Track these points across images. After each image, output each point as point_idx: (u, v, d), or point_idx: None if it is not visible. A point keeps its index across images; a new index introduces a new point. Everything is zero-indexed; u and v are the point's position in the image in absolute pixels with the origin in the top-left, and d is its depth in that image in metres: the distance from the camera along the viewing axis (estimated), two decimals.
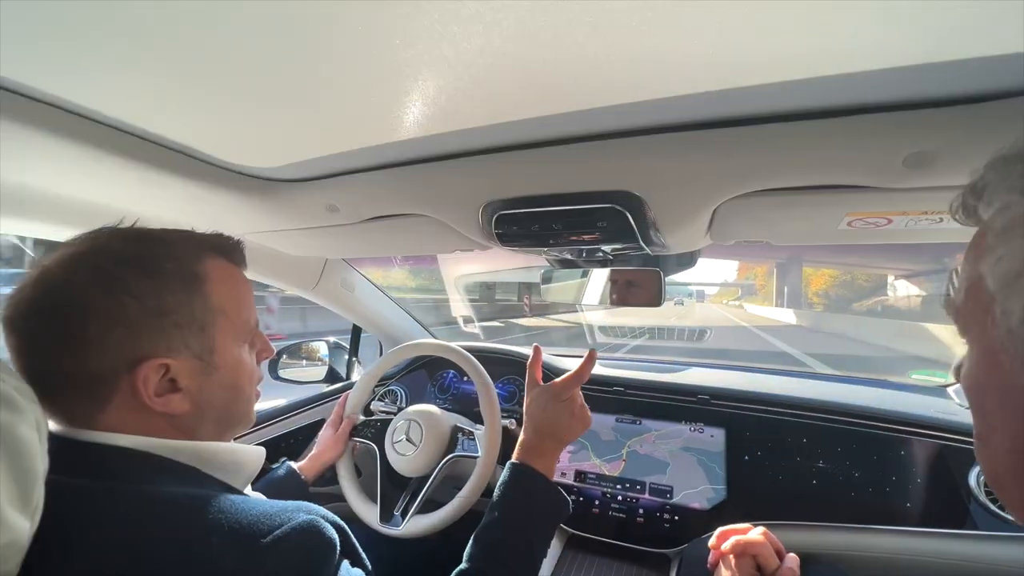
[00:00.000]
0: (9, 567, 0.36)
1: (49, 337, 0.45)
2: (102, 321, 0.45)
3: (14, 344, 0.46)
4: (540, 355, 0.78)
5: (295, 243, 1.03)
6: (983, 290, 0.30)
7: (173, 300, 0.48)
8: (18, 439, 0.36)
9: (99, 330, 0.45)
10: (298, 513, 0.44)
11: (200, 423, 0.52)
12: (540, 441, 0.71)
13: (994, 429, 0.31)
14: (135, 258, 0.48)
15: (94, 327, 0.44)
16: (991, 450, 0.32)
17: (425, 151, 0.65)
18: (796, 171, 0.55)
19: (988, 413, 0.32)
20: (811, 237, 0.72)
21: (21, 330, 0.45)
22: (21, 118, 0.52)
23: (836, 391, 1.11)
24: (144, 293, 0.47)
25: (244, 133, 0.61)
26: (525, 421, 0.74)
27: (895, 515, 0.90)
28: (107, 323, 0.45)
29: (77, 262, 0.47)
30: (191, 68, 0.46)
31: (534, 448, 0.71)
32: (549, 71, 0.44)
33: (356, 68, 0.45)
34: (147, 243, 0.50)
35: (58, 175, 0.66)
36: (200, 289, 0.51)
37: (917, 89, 0.44)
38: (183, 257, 0.51)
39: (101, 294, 0.45)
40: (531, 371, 0.77)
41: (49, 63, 0.46)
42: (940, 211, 0.56)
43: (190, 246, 0.53)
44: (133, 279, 0.47)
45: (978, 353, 0.32)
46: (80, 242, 0.49)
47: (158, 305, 0.47)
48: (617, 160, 0.59)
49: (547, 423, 0.72)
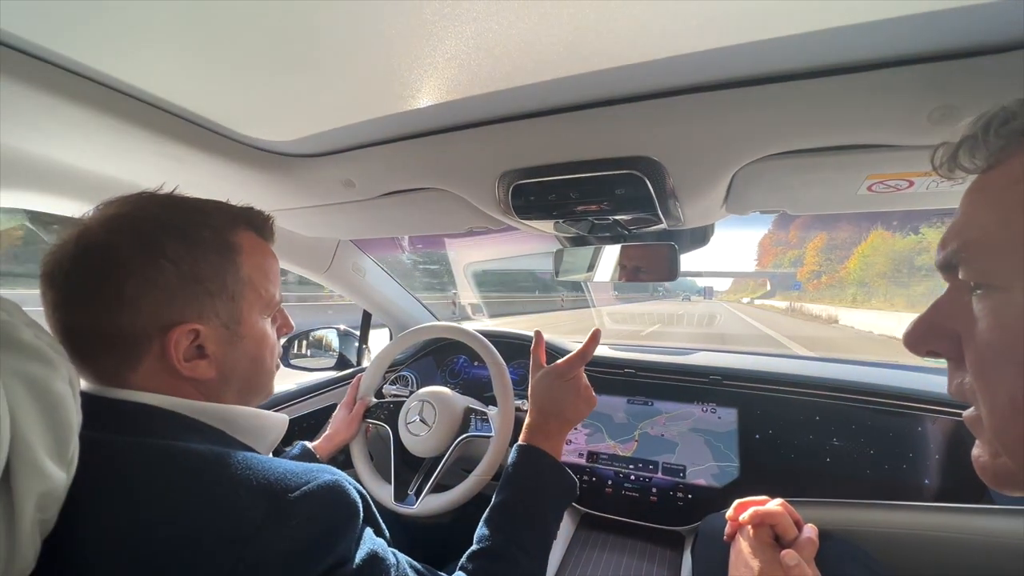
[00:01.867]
0: (48, 515, 0.37)
1: (86, 294, 0.45)
2: (140, 282, 0.45)
3: (52, 299, 0.46)
4: (542, 339, 0.79)
5: (310, 223, 1.03)
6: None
7: (208, 268, 0.49)
8: (53, 393, 0.37)
9: (136, 291, 0.45)
10: (324, 473, 0.45)
11: (224, 390, 0.53)
12: (545, 422, 0.71)
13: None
14: (174, 224, 0.49)
15: (131, 287, 0.45)
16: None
17: (441, 121, 0.65)
18: (818, 130, 0.54)
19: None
20: (830, 204, 0.71)
21: (60, 286, 0.46)
22: (48, 86, 0.52)
23: (849, 371, 1.10)
24: (181, 258, 0.48)
25: (263, 105, 0.62)
26: (530, 403, 0.74)
27: (913, 492, 0.90)
28: (145, 285, 0.46)
29: (118, 222, 0.47)
30: (211, 36, 0.46)
31: (540, 429, 0.71)
32: (566, 30, 0.44)
33: (374, 32, 0.45)
34: (185, 210, 0.51)
35: (81, 146, 0.66)
36: (233, 259, 0.52)
37: (943, 39, 0.44)
38: (219, 227, 0.52)
39: (140, 256, 0.46)
40: (535, 354, 0.77)
41: (74, 30, 0.46)
42: None
43: (225, 217, 0.53)
44: (171, 244, 0.47)
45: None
46: (120, 204, 0.49)
47: (193, 271, 0.48)
48: (635, 124, 0.59)
49: (552, 403, 0.71)
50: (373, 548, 0.48)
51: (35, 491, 0.34)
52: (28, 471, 0.34)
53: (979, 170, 0.33)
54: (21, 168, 0.68)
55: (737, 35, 0.44)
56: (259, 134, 0.71)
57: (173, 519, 0.39)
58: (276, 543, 0.39)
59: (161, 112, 0.62)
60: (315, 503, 0.42)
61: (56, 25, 0.46)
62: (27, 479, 0.34)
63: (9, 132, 0.60)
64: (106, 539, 0.38)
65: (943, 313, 0.35)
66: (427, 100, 0.58)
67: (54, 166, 0.70)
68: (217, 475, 0.42)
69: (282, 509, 0.40)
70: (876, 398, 0.99)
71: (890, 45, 0.45)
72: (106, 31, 0.47)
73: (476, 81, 0.54)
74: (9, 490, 0.34)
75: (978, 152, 0.32)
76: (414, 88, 0.56)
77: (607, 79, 0.53)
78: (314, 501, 0.42)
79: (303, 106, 0.62)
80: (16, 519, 0.34)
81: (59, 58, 0.51)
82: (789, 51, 0.46)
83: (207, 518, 0.39)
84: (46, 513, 0.36)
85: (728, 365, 1.15)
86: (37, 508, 0.35)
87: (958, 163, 0.34)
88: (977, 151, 0.32)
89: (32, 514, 0.35)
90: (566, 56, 0.48)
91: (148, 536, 0.38)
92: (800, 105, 0.52)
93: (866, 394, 1.00)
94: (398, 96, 0.58)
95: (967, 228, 0.33)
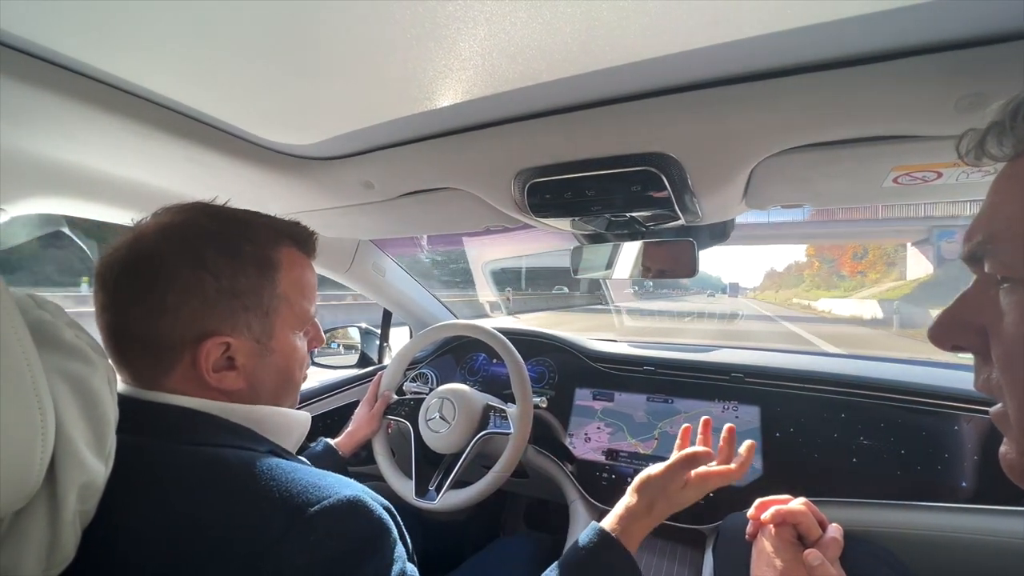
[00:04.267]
0: (88, 507, 0.39)
1: (131, 298, 0.47)
2: (181, 292, 0.47)
3: (101, 300, 0.48)
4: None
5: (330, 224, 1.05)
6: None
7: (246, 283, 0.50)
8: (92, 390, 0.39)
9: (176, 300, 0.47)
10: (345, 488, 0.45)
11: (253, 401, 0.53)
12: (650, 506, 0.66)
13: None
14: (219, 236, 0.50)
15: (173, 296, 0.47)
16: None
17: (458, 122, 0.66)
18: (840, 121, 0.53)
19: None
20: (854, 198, 0.69)
21: (110, 288, 0.48)
22: (82, 97, 0.55)
23: (877, 368, 1.07)
24: (221, 271, 0.49)
25: (285, 109, 0.63)
26: (640, 492, 0.68)
27: (947, 494, 0.86)
28: (185, 295, 0.47)
29: (169, 232, 0.49)
30: (235, 43, 0.48)
31: (639, 513, 0.66)
32: (580, 27, 0.44)
33: (390, 36, 0.46)
34: (231, 223, 0.52)
35: (112, 154, 0.69)
36: (272, 276, 0.53)
37: (971, 25, 0.42)
38: (261, 242, 0.53)
39: (184, 266, 0.47)
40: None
41: (107, 41, 0.48)
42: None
43: (269, 232, 0.54)
44: (213, 256, 0.49)
45: None
46: (174, 213, 0.51)
47: (232, 286, 0.49)
48: (651, 121, 0.58)
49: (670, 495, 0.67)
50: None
51: (77, 482, 0.36)
52: (70, 463, 0.36)
53: (1007, 158, 0.32)
54: (57, 176, 0.71)
55: (754, 27, 0.43)
56: (282, 138, 0.73)
57: (198, 526, 0.40)
58: (294, 557, 0.39)
59: (189, 119, 0.64)
60: (334, 519, 0.42)
61: (90, 38, 0.48)
62: (69, 471, 0.36)
63: (45, 141, 0.63)
64: (139, 539, 0.40)
65: (969, 306, 0.34)
66: (443, 101, 0.59)
67: (88, 173, 0.73)
68: (241, 487, 0.42)
69: (301, 523, 0.40)
70: (907, 396, 0.95)
71: (915, 32, 0.44)
72: (136, 42, 0.49)
73: (491, 81, 0.54)
74: (54, 481, 0.36)
75: (1006, 139, 0.31)
76: (430, 90, 0.56)
77: (622, 75, 0.52)
78: (333, 517, 0.42)
79: (323, 110, 0.63)
80: (59, 509, 0.36)
81: (93, 70, 0.53)
82: (809, 41, 0.45)
83: (230, 529, 0.40)
84: (86, 504, 0.38)
85: (750, 362, 1.13)
86: (78, 499, 0.37)
87: (985, 151, 0.33)
88: (1005, 138, 0.31)
89: (74, 504, 0.37)
90: (580, 54, 0.48)
91: (177, 539, 0.39)
92: (821, 97, 0.50)
93: (897, 392, 0.97)
94: (415, 98, 0.59)
95: (993, 219, 0.32)
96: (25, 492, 0.33)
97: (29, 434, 0.32)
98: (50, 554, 0.36)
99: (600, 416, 1.15)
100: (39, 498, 0.35)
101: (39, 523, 0.35)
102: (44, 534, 0.36)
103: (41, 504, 0.35)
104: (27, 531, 0.35)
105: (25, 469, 0.33)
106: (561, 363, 1.29)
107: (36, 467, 0.33)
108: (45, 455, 0.34)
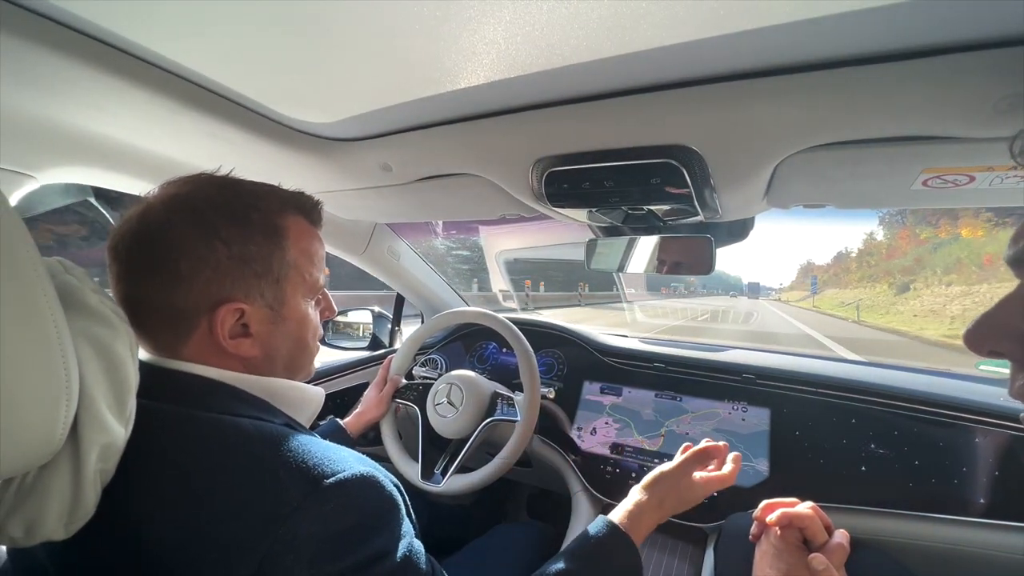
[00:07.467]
0: (109, 466, 0.40)
1: (145, 268, 0.48)
2: (193, 260, 0.48)
3: (115, 271, 0.50)
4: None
5: (347, 206, 1.06)
6: None
7: (256, 250, 0.51)
8: (115, 354, 0.40)
9: (189, 268, 0.48)
10: (359, 463, 0.46)
11: (269, 369, 0.55)
12: (660, 502, 0.68)
13: None
14: (227, 205, 0.51)
15: (185, 265, 0.48)
16: None
17: (478, 107, 0.66)
18: (870, 120, 0.51)
19: None
20: (880, 199, 0.68)
21: (123, 259, 0.49)
22: (113, 69, 0.56)
23: (894, 377, 1.05)
24: (232, 239, 0.50)
25: (307, 87, 0.64)
26: (652, 488, 0.69)
27: (961, 507, 0.84)
28: (197, 263, 0.48)
29: (177, 202, 0.50)
30: (260, 19, 0.48)
31: (649, 508, 0.67)
32: (606, 12, 0.43)
33: (414, 15, 0.45)
34: (238, 193, 0.53)
35: (139, 127, 0.70)
36: (280, 243, 0.53)
37: (1013, 22, 0.40)
38: (268, 210, 0.54)
39: (195, 235, 0.48)
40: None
41: (138, 15, 0.49)
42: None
43: (276, 201, 0.55)
44: (224, 225, 0.50)
45: None
46: (181, 184, 0.52)
47: (243, 252, 0.50)
48: (674, 112, 0.57)
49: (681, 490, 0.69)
50: (413, 551, 0.48)
51: (98, 442, 0.38)
52: (92, 423, 0.37)
53: None
54: (86, 146, 0.73)
55: (784, 14, 0.42)
56: (303, 116, 0.73)
57: (216, 492, 0.41)
58: (309, 524, 0.40)
59: (214, 95, 0.65)
60: (348, 492, 0.43)
61: (123, 11, 0.49)
62: (91, 431, 0.37)
63: (75, 112, 0.65)
64: (157, 500, 0.42)
65: (1010, 311, 0.33)
66: (465, 83, 0.58)
67: (115, 145, 0.74)
68: (260, 453, 0.43)
69: (317, 493, 0.41)
70: (925, 406, 0.93)
71: (955, 28, 0.42)
72: (166, 17, 0.49)
73: (514, 64, 0.54)
74: (76, 440, 0.37)
75: None
76: (453, 72, 0.56)
77: (646, 63, 0.51)
78: (347, 490, 0.43)
79: (345, 89, 0.63)
80: (81, 466, 0.37)
81: (124, 42, 0.54)
82: (840, 35, 0.44)
83: (249, 495, 0.41)
84: (107, 463, 0.40)
85: (763, 364, 1.11)
86: (99, 458, 0.38)
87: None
88: None
89: (94, 463, 0.38)
90: (605, 39, 0.47)
91: (196, 504, 0.41)
92: (851, 94, 0.49)
93: (914, 401, 0.94)
94: (436, 80, 0.58)
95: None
96: (50, 448, 0.35)
97: (55, 392, 0.34)
98: (72, 509, 0.38)
99: (609, 412, 1.15)
100: (63, 455, 0.37)
101: (62, 479, 0.37)
102: (67, 490, 0.37)
103: (65, 461, 0.37)
104: (51, 486, 0.36)
105: (50, 426, 0.34)
106: (570, 355, 1.29)
107: (60, 425, 0.34)
108: (69, 414, 0.35)
